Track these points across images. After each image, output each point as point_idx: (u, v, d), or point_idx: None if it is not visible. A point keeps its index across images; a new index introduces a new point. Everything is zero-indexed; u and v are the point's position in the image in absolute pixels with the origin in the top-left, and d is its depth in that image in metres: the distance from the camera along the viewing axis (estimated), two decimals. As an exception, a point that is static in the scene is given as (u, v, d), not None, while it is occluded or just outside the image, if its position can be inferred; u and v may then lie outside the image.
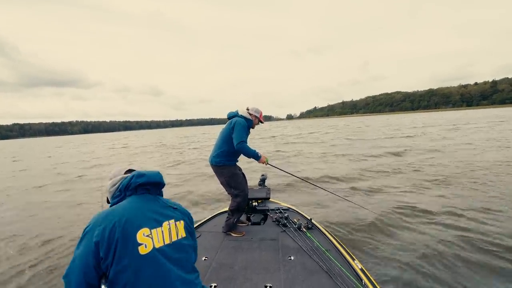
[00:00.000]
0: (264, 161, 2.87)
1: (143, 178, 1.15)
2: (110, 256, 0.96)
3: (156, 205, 1.14)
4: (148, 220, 1.06)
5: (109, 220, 1.01)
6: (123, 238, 0.98)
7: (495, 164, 7.39)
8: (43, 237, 4.40)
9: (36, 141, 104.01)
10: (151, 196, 1.17)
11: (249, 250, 2.43)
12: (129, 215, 1.04)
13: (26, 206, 6.56)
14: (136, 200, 1.12)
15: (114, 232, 0.98)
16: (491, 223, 3.76)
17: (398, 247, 3.28)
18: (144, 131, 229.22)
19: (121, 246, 0.97)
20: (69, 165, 14.73)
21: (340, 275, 1.94)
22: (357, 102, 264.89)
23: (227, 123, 2.88)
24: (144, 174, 1.16)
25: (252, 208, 3.44)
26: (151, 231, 1.04)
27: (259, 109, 2.97)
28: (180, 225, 1.15)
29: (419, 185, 5.93)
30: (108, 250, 0.96)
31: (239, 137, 2.70)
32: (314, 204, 5.12)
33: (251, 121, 2.91)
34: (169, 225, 1.10)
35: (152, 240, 1.03)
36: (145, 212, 1.08)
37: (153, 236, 1.03)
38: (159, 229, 1.06)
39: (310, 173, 7.88)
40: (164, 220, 1.10)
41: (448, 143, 12.43)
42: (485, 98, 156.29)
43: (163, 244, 1.05)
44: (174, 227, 1.12)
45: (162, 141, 32.35)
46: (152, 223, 1.06)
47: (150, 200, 1.15)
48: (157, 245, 1.03)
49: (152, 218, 1.08)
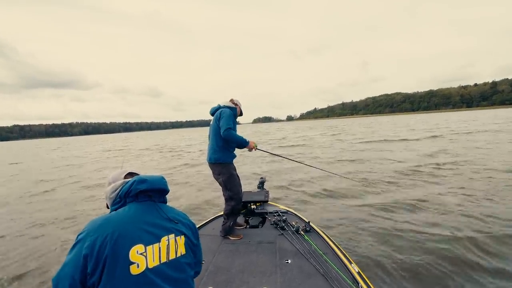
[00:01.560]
0: (253, 146, 2.88)
1: (145, 185, 1.05)
2: (97, 273, 0.88)
3: (157, 216, 1.04)
4: (145, 234, 0.96)
5: (101, 231, 0.92)
6: (113, 255, 0.89)
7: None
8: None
9: (35, 142, 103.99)
10: (153, 204, 1.07)
11: (246, 253, 2.43)
12: (124, 228, 0.95)
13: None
14: (136, 208, 1.03)
15: (104, 247, 0.89)
16: (490, 220, 3.76)
17: (398, 250, 3.27)
18: (144, 133, 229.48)
19: (110, 264, 0.88)
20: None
21: (336, 278, 1.94)
22: (357, 103, 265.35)
23: (213, 119, 2.86)
24: (146, 180, 1.06)
25: (251, 211, 3.43)
26: (145, 248, 0.94)
27: (234, 99, 3.02)
28: (180, 241, 1.04)
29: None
30: (96, 266, 0.88)
31: (226, 124, 2.67)
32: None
33: (235, 109, 2.89)
34: (168, 240, 1.00)
35: (146, 258, 0.93)
36: (142, 224, 0.98)
37: (148, 254, 0.94)
38: (156, 246, 0.97)
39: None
40: (163, 235, 1.00)
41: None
42: (485, 99, 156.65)
43: (158, 262, 0.95)
44: (173, 243, 1.01)
45: (168, 144, 31.23)
46: (149, 238, 0.96)
47: (151, 210, 1.05)
48: (151, 264, 0.94)
49: (150, 232, 0.98)
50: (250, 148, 2.88)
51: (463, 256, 3.06)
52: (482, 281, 2.64)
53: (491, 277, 2.68)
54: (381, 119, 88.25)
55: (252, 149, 2.92)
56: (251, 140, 2.88)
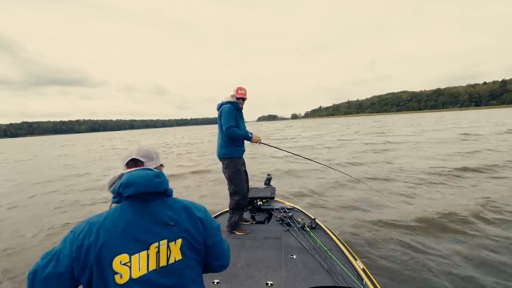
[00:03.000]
0: (256, 140, 2.91)
1: (131, 189, 0.94)
2: (83, 280, 0.89)
3: (149, 220, 0.95)
4: (132, 242, 0.91)
5: (88, 235, 0.90)
6: (98, 264, 0.87)
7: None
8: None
9: (43, 139, 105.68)
10: (147, 205, 0.97)
11: (252, 248, 2.46)
12: (109, 235, 0.90)
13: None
14: (126, 210, 0.95)
15: (89, 255, 0.88)
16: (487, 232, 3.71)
17: (404, 250, 3.27)
18: (150, 130, 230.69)
19: (96, 273, 0.87)
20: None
21: (341, 274, 1.94)
22: (363, 101, 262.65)
23: (218, 115, 2.89)
24: (132, 184, 0.94)
25: (257, 207, 3.47)
26: (130, 258, 0.89)
27: (237, 86, 2.95)
28: (174, 247, 0.96)
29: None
30: (82, 272, 0.88)
31: (226, 123, 2.72)
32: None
33: (236, 103, 2.88)
34: (158, 247, 0.93)
35: (130, 269, 0.88)
36: (131, 230, 0.92)
37: (132, 264, 0.89)
38: (143, 254, 0.91)
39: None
40: (153, 241, 0.93)
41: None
42: (494, 97, 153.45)
43: (146, 271, 0.90)
44: (165, 249, 0.94)
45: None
46: (136, 246, 0.91)
47: (143, 213, 0.96)
48: (135, 274, 0.89)
49: (138, 239, 0.91)
50: (254, 142, 2.91)
51: (472, 255, 3.04)
52: (485, 278, 2.62)
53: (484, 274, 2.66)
54: (391, 117, 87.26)
55: (256, 143, 2.95)
56: (254, 134, 2.91)
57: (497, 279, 2.61)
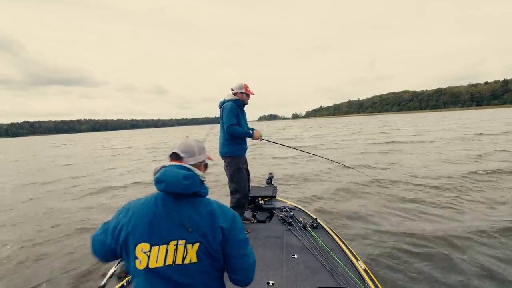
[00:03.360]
0: (258, 136, 2.91)
1: (161, 185, 1.01)
2: (119, 254, 1.04)
3: (173, 219, 0.99)
4: (154, 234, 0.97)
5: (125, 216, 1.02)
6: (125, 245, 0.99)
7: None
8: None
9: (44, 138, 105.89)
10: (176, 202, 1.01)
11: (253, 248, 2.42)
12: (139, 221, 0.98)
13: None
14: (158, 203, 1.02)
15: (121, 234, 1.00)
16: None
17: (407, 251, 3.25)
18: (150, 130, 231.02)
19: (124, 252, 1.01)
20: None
21: (342, 274, 1.93)
22: (364, 101, 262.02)
23: (219, 113, 2.89)
24: (162, 181, 1.00)
25: (258, 206, 3.46)
26: (150, 248, 0.95)
27: (242, 83, 2.92)
28: (191, 249, 0.98)
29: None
30: (117, 248, 1.03)
31: (228, 121, 2.73)
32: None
33: (239, 100, 2.88)
34: (176, 245, 0.97)
35: (149, 258, 0.95)
36: (155, 223, 0.98)
37: (151, 254, 0.95)
38: (162, 247, 0.96)
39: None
40: (172, 239, 0.97)
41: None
42: (495, 97, 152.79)
43: (162, 264, 0.95)
44: (182, 249, 0.97)
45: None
46: (157, 239, 0.97)
47: (171, 209, 1.00)
48: (152, 265, 0.95)
49: (160, 233, 0.97)
50: (255, 139, 2.92)
51: (475, 258, 3.03)
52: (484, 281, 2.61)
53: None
54: (393, 117, 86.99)
55: (258, 139, 2.95)
56: (256, 131, 2.92)
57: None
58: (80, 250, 3.75)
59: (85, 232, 4.38)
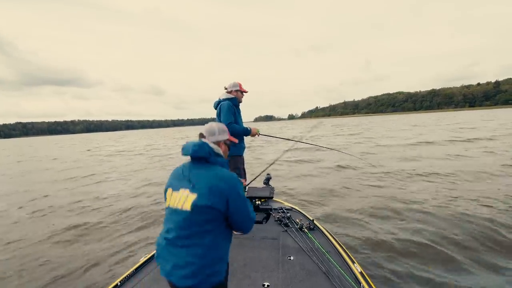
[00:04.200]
0: (255, 132, 2.97)
1: (182, 152, 1.37)
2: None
3: (184, 173, 1.34)
4: (177, 182, 1.34)
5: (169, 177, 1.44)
6: (165, 192, 1.40)
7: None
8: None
9: (38, 139, 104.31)
10: (194, 165, 1.35)
11: (249, 248, 2.45)
12: (170, 176, 1.42)
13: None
14: (185, 164, 1.39)
15: (165, 185, 1.41)
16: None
17: (403, 253, 3.27)
18: (145, 130, 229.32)
19: (165, 195, 1.41)
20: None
21: (338, 277, 1.94)
22: (359, 102, 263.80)
23: (216, 114, 2.93)
24: (183, 149, 1.36)
25: (255, 206, 3.45)
26: (172, 193, 1.33)
27: (236, 81, 2.97)
28: (188, 198, 1.25)
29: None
30: (165, 193, 1.42)
31: (226, 119, 2.77)
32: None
33: (235, 98, 2.92)
34: (183, 193, 1.28)
35: (170, 199, 1.34)
36: (176, 175, 1.38)
37: (172, 197, 1.32)
38: (175, 193, 1.32)
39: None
40: (181, 187, 1.30)
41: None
42: (488, 98, 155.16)
43: (174, 205, 1.29)
44: (184, 197, 1.27)
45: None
46: (175, 186, 1.34)
47: (188, 168, 1.35)
48: (172, 204, 1.31)
49: (176, 181, 1.35)
50: (253, 135, 2.97)
51: (472, 260, 3.05)
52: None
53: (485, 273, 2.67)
54: (392, 117, 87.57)
55: (255, 135, 3.00)
56: (252, 127, 2.97)
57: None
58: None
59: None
